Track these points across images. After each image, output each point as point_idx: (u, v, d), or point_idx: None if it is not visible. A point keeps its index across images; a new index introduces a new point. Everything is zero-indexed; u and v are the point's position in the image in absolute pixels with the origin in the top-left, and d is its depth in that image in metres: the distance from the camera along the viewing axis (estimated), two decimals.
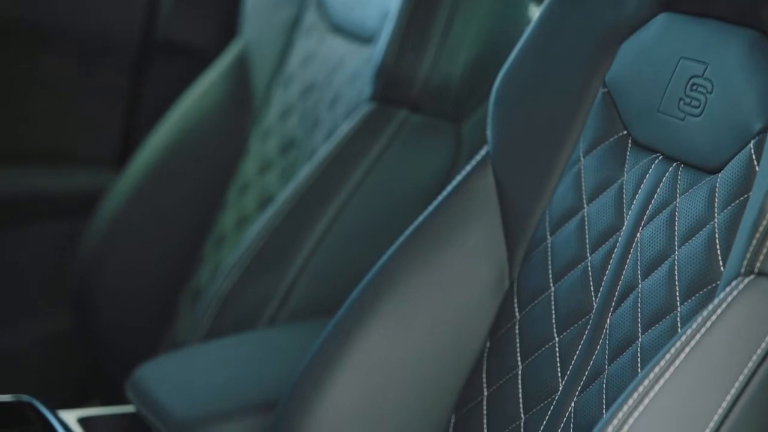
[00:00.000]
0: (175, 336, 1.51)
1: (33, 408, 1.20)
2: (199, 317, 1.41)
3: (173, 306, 1.56)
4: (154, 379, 1.22)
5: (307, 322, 1.35)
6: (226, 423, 1.15)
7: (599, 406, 0.90)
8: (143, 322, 1.58)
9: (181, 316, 1.53)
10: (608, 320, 0.94)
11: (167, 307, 1.56)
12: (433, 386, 1.06)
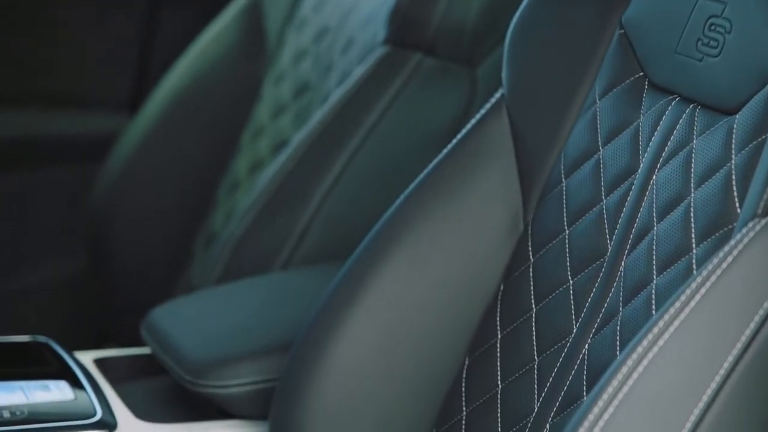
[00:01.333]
0: (190, 280, 1.52)
1: (49, 349, 1.21)
2: (213, 261, 1.42)
3: (187, 250, 1.56)
4: (168, 322, 1.23)
5: (321, 265, 1.35)
6: (240, 365, 1.16)
7: (613, 349, 0.90)
8: (157, 266, 1.58)
9: (195, 261, 1.53)
10: (623, 263, 0.94)
11: (181, 251, 1.56)
12: (448, 329, 1.06)
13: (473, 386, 1.04)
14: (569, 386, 0.94)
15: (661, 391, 0.80)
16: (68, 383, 1.15)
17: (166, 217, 1.59)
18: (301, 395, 1.05)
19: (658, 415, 0.79)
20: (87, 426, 1.09)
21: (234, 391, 1.15)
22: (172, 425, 1.15)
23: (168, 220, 1.58)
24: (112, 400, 1.15)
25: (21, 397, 1.11)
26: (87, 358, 1.23)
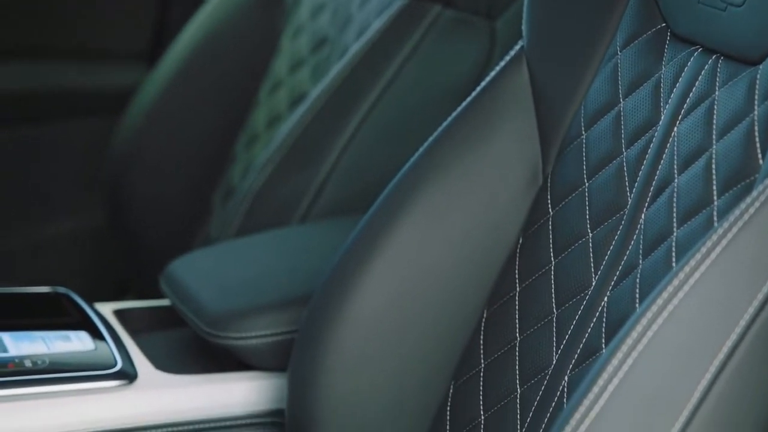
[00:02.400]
0: (208, 233, 1.52)
1: (70, 300, 1.22)
2: (231, 215, 1.42)
3: (206, 204, 1.56)
4: (187, 274, 1.24)
5: (339, 219, 1.35)
6: (259, 316, 1.16)
7: (632, 302, 0.90)
8: (176, 219, 1.59)
9: (214, 214, 1.54)
10: (643, 215, 0.94)
11: (199, 205, 1.57)
12: (466, 282, 1.06)
13: (491, 339, 1.04)
14: (588, 339, 0.94)
15: (680, 343, 0.80)
16: (88, 334, 1.16)
17: (184, 171, 1.59)
18: (319, 347, 1.06)
19: (677, 366, 0.79)
20: (107, 376, 1.10)
21: (253, 343, 1.15)
22: (191, 376, 1.15)
23: (186, 173, 1.59)
24: (132, 351, 1.16)
25: (42, 346, 1.12)
26: (107, 309, 1.23)
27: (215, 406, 1.14)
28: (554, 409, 0.94)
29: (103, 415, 1.09)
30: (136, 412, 1.11)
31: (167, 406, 1.12)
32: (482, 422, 1.01)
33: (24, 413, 1.06)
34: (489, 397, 1.02)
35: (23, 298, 1.22)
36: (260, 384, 1.17)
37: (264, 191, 1.40)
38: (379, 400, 1.06)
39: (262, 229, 1.36)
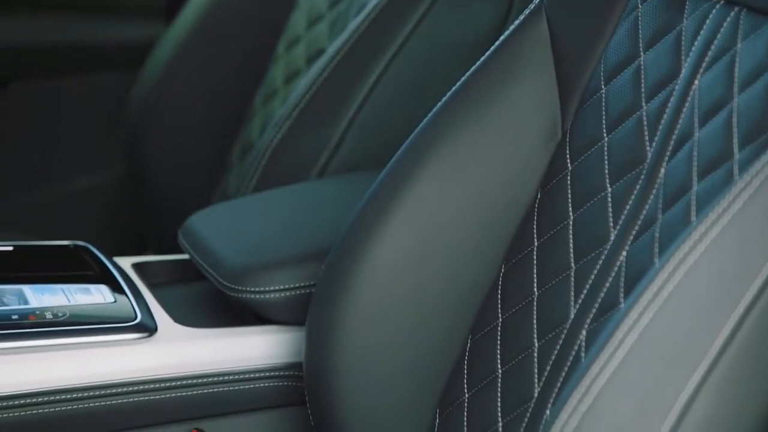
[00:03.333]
0: (226, 189, 1.52)
1: (89, 253, 1.23)
2: (249, 170, 1.42)
3: (224, 159, 1.57)
4: (206, 228, 1.24)
5: (357, 174, 1.35)
6: (276, 271, 1.17)
7: (651, 256, 0.90)
8: (194, 175, 1.59)
9: (232, 170, 1.54)
10: (662, 170, 0.93)
11: (218, 160, 1.57)
12: (484, 237, 1.06)
13: (509, 294, 1.04)
14: (606, 293, 0.94)
15: (699, 298, 0.80)
16: (108, 287, 1.16)
17: (202, 126, 1.59)
18: (337, 301, 1.06)
19: (696, 321, 0.79)
20: (127, 329, 1.11)
21: (271, 297, 1.16)
22: (210, 330, 1.16)
23: (204, 128, 1.59)
24: (151, 304, 1.16)
25: (62, 299, 1.12)
26: (126, 263, 1.24)
27: (234, 359, 1.15)
28: (572, 363, 0.95)
29: (123, 368, 1.10)
30: (155, 364, 1.11)
31: (186, 359, 1.13)
32: (499, 376, 1.01)
33: (44, 364, 1.07)
34: (506, 352, 1.02)
35: (44, 251, 1.23)
36: (278, 338, 1.17)
37: (282, 147, 1.40)
38: (396, 354, 1.06)
39: (279, 184, 1.37)
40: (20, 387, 1.05)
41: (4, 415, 1.05)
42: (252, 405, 1.17)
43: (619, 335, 0.82)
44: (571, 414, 0.82)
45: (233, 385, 1.15)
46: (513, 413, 0.98)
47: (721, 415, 0.78)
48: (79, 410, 1.08)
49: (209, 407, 1.15)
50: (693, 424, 0.77)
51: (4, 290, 1.12)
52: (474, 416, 1.02)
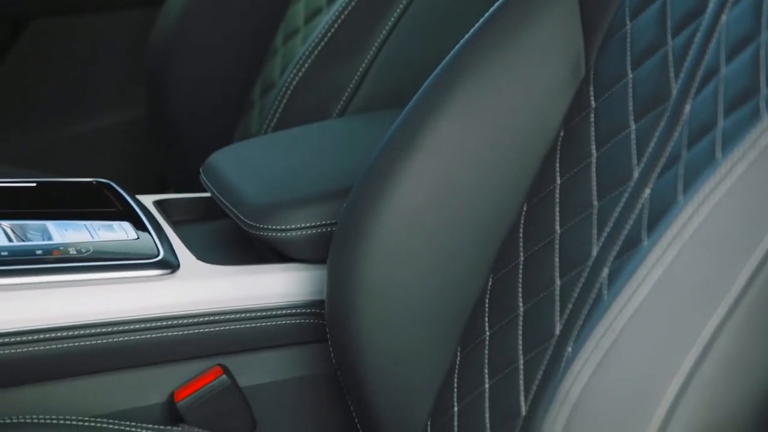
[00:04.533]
0: (247, 127, 1.52)
1: (112, 190, 1.23)
2: (270, 109, 1.42)
3: (245, 98, 1.56)
4: (228, 166, 1.24)
5: (378, 112, 1.35)
6: (298, 209, 1.17)
7: (675, 193, 0.89)
8: (215, 112, 1.59)
9: (253, 109, 1.54)
10: (688, 106, 0.92)
11: (238, 98, 1.57)
12: (506, 175, 1.06)
13: (531, 232, 1.04)
14: (629, 231, 0.94)
15: (723, 235, 0.79)
16: (131, 224, 1.17)
17: (223, 64, 1.58)
18: (358, 239, 1.06)
19: (720, 257, 0.79)
20: (150, 265, 1.11)
21: (293, 235, 1.16)
22: (232, 267, 1.16)
23: (225, 66, 1.58)
24: (174, 242, 1.17)
25: (86, 235, 1.13)
26: (148, 201, 1.24)
27: (255, 296, 1.16)
28: (594, 300, 0.95)
29: (145, 304, 1.11)
30: (178, 301, 1.12)
31: (208, 296, 1.14)
32: (521, 314, 1.01)
33: (67, 300, 1.08)
34: (528, 290, 1.02)
35: (67, 188, 1.23)
36: (300, 275, 1.18)
37: (303, 85, 1.40)
38: (417, 292, 1.06)
39: (300, 123, 1.36)
40: (44, 322, 1.06)
41: (29, 349, 1.06)
42: (274, 342, 1.18)
43: (642, 272, 0.82)
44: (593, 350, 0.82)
45: (255, 322, 1.16)
46: (534, 350, 0.99)
47: (744, 350, 0.78)
48: (102, 345, 1.09)
49: (231, 344, 1.16)
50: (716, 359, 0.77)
51: (28, 226, 1.12)
52: (495, 353, 1.03)
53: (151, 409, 1.13)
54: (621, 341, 0.81)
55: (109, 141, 1.74)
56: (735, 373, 0.77)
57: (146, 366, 1.13)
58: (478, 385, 1.03)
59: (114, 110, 1.75)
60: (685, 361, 0.76)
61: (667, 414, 0.77)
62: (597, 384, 0.81)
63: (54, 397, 1.10)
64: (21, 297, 1.06)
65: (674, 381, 0.76)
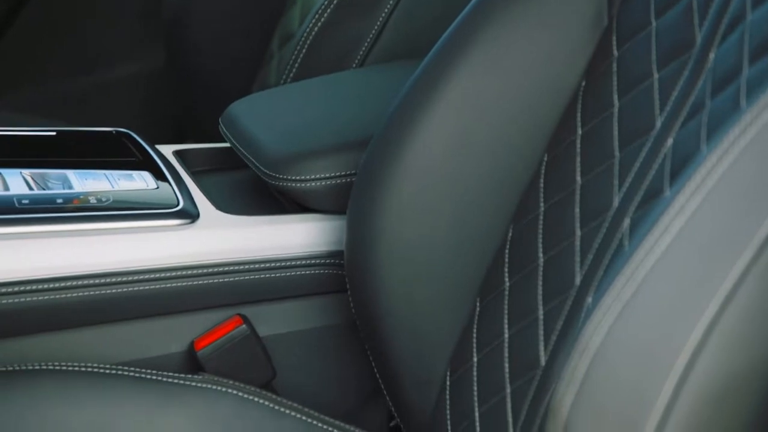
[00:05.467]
0: (266, 78, 1.52)
1: (132, 140, 1.23)
2: (289, 59, 1.41)
3: (264, 49, 1.56)
4: (247, 116, 1.24)
5: (398, 62, 1.34)
6: (317, 159, 1.17)
7: (698, 142, 0.88)
8: (234, 63, 1.58)
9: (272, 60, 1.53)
10: (712, 54, 0.92)
11: (257, 49, 1.56)
12: (526, 126, 1.06)
13: (551, 182, 1.04)
14: (651, 181, 0.93)
15: (748, 183, 0.79)
16: (151, 174, 1.17)
17: (242, 15, 1.58)
18: (378, 190, 1.06)
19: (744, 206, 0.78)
20: (170, 215, 1.12)
21: (312, 186, 1.16)
22: (251, 217, 1.16)
23: (244, 17, 1.58)
24: (193, 191, 1.17)
25: (106, 184, 1.13)
26: (168, 151, 1.24)
27: (275, 246, 1.16)
28: (615, 251, 0.94)
29: (165, 253, 1.11)
30: (197, 251, 1.12)
31: (228, 246, 1.14)
32: (541, 264, 1.01)
33: (87, 248, 1.08)
34: (548, 241, 1.02)
35: (87, 137, 1.23)
36: (319, 226, 1.18)
37: (321, 36, 1.39)
38: (437, 242, 1.06)
39: (319, 73, 1.36)
40: (64, 270, 1.07)
41: (50, 298, 1.07)
42: (293, 292, 1.18)
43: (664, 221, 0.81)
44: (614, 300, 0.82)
45: (274, 273, 1.16)
46: (554, 301, 0.99)
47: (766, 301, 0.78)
48: (121, 294, 1.09)
49: (250, 294, 1.16)
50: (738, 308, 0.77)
51: (49, 174, 1.12)
52: (514, 303, 1.03)
53: (172, 358, 1.14)
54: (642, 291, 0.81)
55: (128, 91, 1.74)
56: (756, 322, 0.77)
57: (166, 315, 1.14)
58: (498, 335, 1.03)
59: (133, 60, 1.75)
60: (707, 310, 0.76)
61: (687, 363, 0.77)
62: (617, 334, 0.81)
63: (75, 344, 1.10)
64: (41, 245, 1.06)
65: (695, 330, 0.76)
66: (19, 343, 1.08)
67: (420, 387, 1.07)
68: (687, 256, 0.79)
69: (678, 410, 0.76)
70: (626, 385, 0.78)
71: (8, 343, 1.08)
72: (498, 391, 1.01)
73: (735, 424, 0.78)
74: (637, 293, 0.81)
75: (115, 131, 1.24)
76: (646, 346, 0.79)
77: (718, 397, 0.77)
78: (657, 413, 0.76)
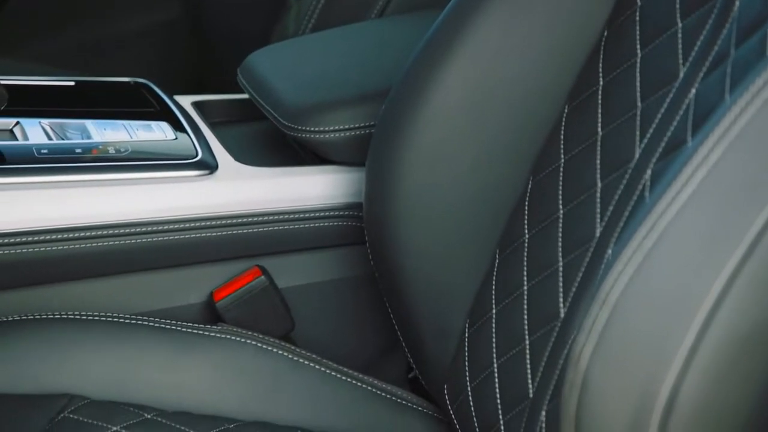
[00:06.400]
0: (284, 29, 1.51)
1: (150, 90, 1.22)
2: (308, 10, 1.40)
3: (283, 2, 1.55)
4: (265, 67, 1.23)
5: (417, 13, 1.33)
6: (337, 110, 1.16)
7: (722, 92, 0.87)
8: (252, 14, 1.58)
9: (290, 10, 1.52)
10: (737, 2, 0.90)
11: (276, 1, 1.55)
12: (548, 75, 1.05)
13: (571, 134, 1.03)
14: (673, 132, 0.92)
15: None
16: (169, 124, 1.16)
17: None
18: (397, 140, 1.06)
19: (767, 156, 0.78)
20: (188, 165, 1.11)
21: (331, 137, 1.16)
22: (270, 169, 1.16)
23: None
24: (212, 142, 1.17)
25: (124, 134, 1.13)
26: (186, 101, 1.24)
27: (293, 198, 1.16)
28: (636, 202, 0.94)
29: (183, 204, 1.11)
30: (216, 202, 1.12)
31: (246, 197, 1.14)
32: (561, 216, 1.01)
33: (106, 199, 1.08)
34: (567, 192, 1.01)
35: (105, 87, 1.23)
36: (338, 177, 1.17)
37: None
38: (456, 193, 1.06)
39: (337, 25, 1.35)
40: (83, 220, 1.07)
41: (69, 247, 1.07)
42: (312, 244, 1.18)
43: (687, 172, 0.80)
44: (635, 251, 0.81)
45: (293, 224, 1.16)
46: (574, 252, 0.98)
47: None
48: (140, 244, 1.09)
49: (269, 245, 1.16)
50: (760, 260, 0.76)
51: (67, 124, 1.12)
52: (533, 256, 1.02)
53: (191, 309, 1.14)
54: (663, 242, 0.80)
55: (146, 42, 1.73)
56: None
57: (185, 266, 1.14)
58: (517, 287, 1.03)
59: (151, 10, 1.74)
60: (730, 261, 0.75)
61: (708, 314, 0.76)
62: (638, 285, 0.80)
63: (94, 294, 1.11)
64: (60, 195, 1.06)
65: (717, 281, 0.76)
66: (37, 293, 1.09)
67: (438, 339, 1.07)
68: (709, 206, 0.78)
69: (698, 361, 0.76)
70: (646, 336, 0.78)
71: (26, 293, 1.08)
72: (517, 343, 1.01)
73: (755, 374, 0.77)
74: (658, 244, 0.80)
75: (134, 81, 1.24)
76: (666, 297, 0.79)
77: (739, 347, 0.76)
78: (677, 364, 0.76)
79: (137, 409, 1.01)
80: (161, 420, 1.00)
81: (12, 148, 1.07)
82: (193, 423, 1.01)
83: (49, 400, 1.00)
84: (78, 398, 1.01)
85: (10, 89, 1.08)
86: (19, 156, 1.07)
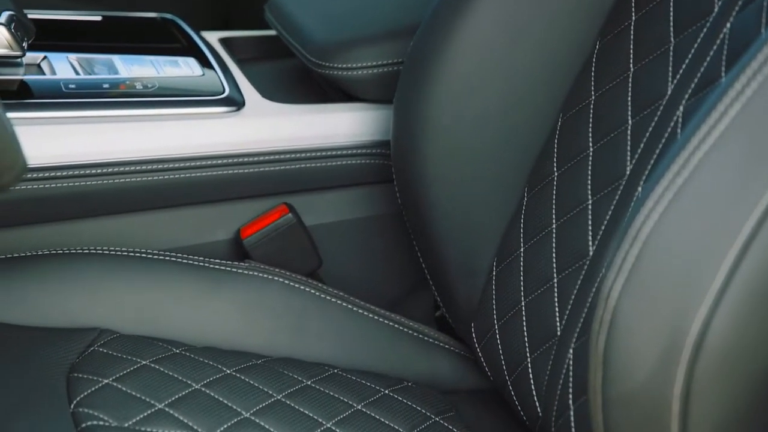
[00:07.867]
0: None
1: (177, 26, 1.21)
2: None
3: None
4: (293, 3, 1.22)
5: None
6: (364, 47, 1.15)
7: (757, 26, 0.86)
8: None
9: None
10: None
11: None
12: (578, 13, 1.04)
13: (602, 70, 1.02)
14: (707, 67, 0.91)
15: None
16: (196, 60, 1.16)
17: None
18: (425, 77, 1.05)
19: None
20: (215, 102, 1.11)
21: (359, 74, 1.15)
22: (297, 106, 1.16)
23: None
24: (239, 79, 1.16)
25: (152, 70, 1.12)
26: (213, 38, 1.23)
27: (321, 135, 1.15)
28: (667, 139, 0.93)
29: (210, 140, 1.10)
30: (243, 139, 1.12)
31: (273, 134, 1.13)
32: (590, 154, 1.00)
33: (132, 134, 1.07)
34: (598, 129, 1.00)
35: (132, 22, 1.22)
36: (365, 115, 1.16)
37: None
38: (484, 131, 1.05)
39: None
40: (110, 155, 1.06)
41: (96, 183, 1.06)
42: (339, 182, 1.18)
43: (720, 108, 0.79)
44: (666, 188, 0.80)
45: (320, 162, 1.15)
46: (603, 190, 0.98)
47: None
48: (167, 181, 1.09)
49: (296, 183, 1.16)
50: None
51: (95, 60, 1.12)
52: (562, 194, 1.02)
53: (218, 245, 1.14)
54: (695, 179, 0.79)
55: None
56: None
57: (212, 203, 1.14)
58: (546, 225, 1.02)
59: None
60: (765, 195, 0.75)
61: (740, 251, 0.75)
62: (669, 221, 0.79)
63: (123, 230, 1.11)
64: (88, 131, 1.06)
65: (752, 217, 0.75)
66: (66, 228, 1.09)
67: (466, 277, 1.07)
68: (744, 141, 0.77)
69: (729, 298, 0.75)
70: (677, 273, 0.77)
71: (55, 228, 1.09)
72: (545, 281, 1.00)
73: None
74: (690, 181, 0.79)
75: (161, 17, 1.23)
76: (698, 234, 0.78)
77: None
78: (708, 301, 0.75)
79: (166, 344, 1.01)
80: (189, 355, 1.01)
81: (40, 82, 1.07)
82: (221, 358, 1.01)
83: (79, 334, 1.00)
84: (107, 332, 1.01)
85: (38, 23, 1.07)
86: (47, 91, 1.06)
